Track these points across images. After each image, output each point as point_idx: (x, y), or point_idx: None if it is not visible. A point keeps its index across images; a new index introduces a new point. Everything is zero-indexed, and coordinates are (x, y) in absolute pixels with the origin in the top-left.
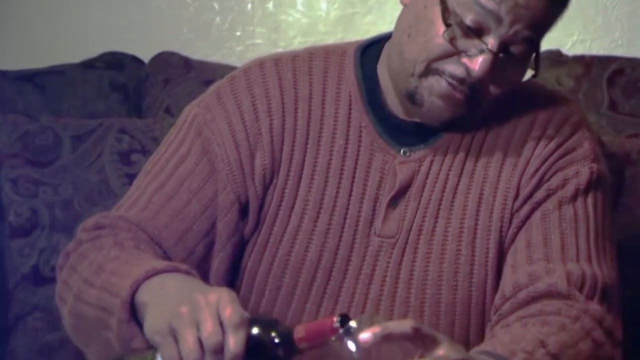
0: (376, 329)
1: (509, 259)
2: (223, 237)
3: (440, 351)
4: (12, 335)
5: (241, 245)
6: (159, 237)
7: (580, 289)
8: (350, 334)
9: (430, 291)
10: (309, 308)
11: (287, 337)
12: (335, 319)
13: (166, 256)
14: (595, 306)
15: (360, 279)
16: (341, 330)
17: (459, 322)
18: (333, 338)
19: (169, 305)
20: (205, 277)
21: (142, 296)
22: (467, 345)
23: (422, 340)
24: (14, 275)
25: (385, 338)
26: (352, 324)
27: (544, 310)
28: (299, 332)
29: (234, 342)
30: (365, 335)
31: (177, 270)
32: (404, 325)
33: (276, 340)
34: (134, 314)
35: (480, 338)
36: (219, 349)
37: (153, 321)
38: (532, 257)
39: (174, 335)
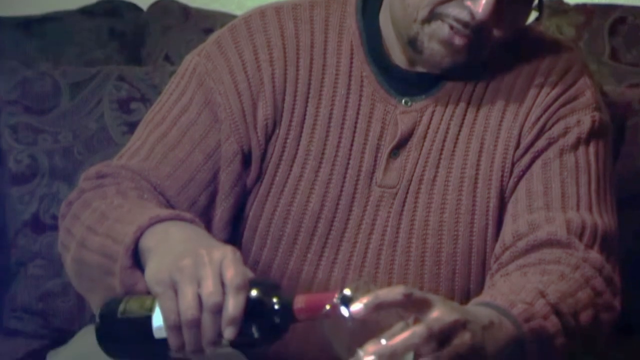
0: (367, 299)
1: (509, 208)
2: (226, 187)
3: (435, 313)
4: (13, 282)
5: (244, 195)
6: (162, 186)
7: (580, 238)
8: (345, 302)
9: (431, 241)
10: (310, 257)
11: (286, 306)
12: (337, 295)
13: (169, 205)
14: (595, 254)
15: (362, 229)
16: (336, 299)
17: (459, 271)
18: (327, 307)
19: (172, 255)
20: (207, 226)
21: (146, 242)
22: (468, 294)
23: (414, 305)
24: (15, 222)
25: (377, 307)
26: (347, 292)
27: (544, 259)
28: (298, 302)
29: (233, 305)
30: (356, 307)
31: (182, 219)
32: (394, 293)
33: (275, 307)
34: (137, 260)
35: (481, 287)
36: (218, 310)
37: (155, 270)
38: (532, 206)
39: (174, 288)
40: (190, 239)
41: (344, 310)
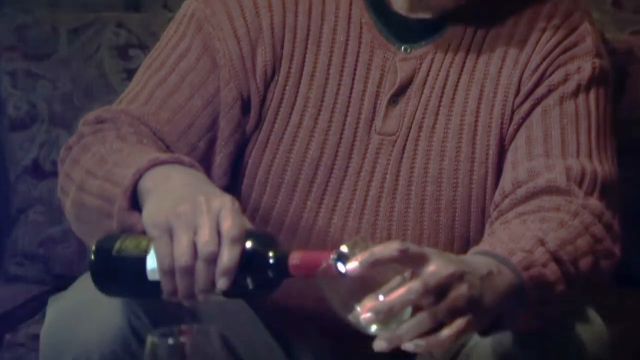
0: (362, 256)
1: (509, 156)
2: (225, 133)
3: (431, 267)
4: (14, 228)
5: (243, 142)
6: (161, 131)
7: (580, 184)
8: (341, 259)
9: (431, 188)
10: (309, 205)
11: (281, 261)
12: (332, 256)
13: (169, 151)
14: (594, 201)
15: (361, 177)
16: (332, 259)
17: (459, 219)
18: (323, 264)
19: (170, 199)
20: (207, 173)
21: (145, 184)
22: (468, 242)
23: (410, 260)
24: (15, 168)
25: (373, 264)
26: (343, 249)
27: (543, 207)
28: (294, 258)
29: (228, 256)
30: (352, 265)
31: (181, 162)
32: (390, 249)
33: (270, 261)
34: (136, 203)
35: (481, 234)
36: (212, 259)
37: (152, 212)
38: (532, 153)
39: (170, 233)
40: (190, 184)
41: (340, 267)
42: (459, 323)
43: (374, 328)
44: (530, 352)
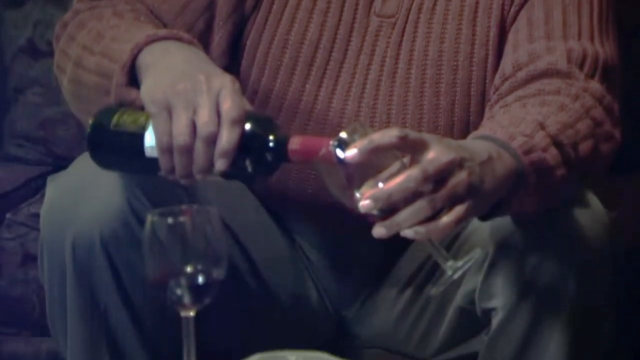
0: (361, 143)
1: (510, 38)
2: (224, 12)
3: (430, 154)
4: (12, 109)
5: (242, 22)
6: (158, 9)
7: (581, 67)
8: (341, 145)
9: (431, 71)
10: (308, 88)
11: (280, 144)
12: (332, 142)
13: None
14: (595, 84)
15: (360, 59)
16: (332, 144)
17: (459, 102)
18: (323, 150)
19: (170, 75)
20: (205, 53)
21: (144, 59)
22: (467, 125)
23: (410, 146)
24: (10, 48)
25: (372, 151)
26: (343, 135)
27: (543, 90)
28: (293, 143)
29: (227, 138)
30: (351, 152)
31: (180, 39)
32: (389, 135)
33: (270, 145)
34: (134, 79)
35: (481, 118)
36: (211, 140)
37: (151, 88)
38: (532, 35)
39: (169, 111)
40: (190, 61)
41: (339, 154)
42: (458, 210)
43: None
44: (529, 236)
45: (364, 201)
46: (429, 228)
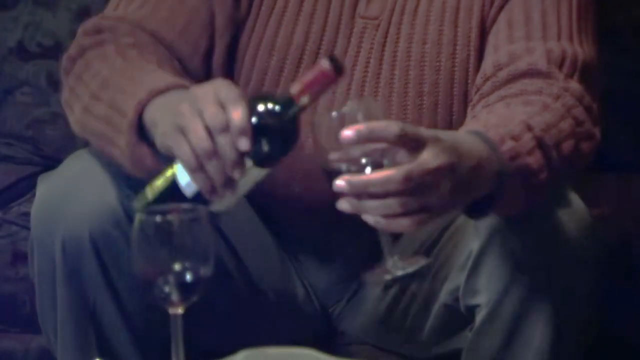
0: (360, 126)
1: (490, 39)
2: (220, 25)
3: (422, 156)
4: (2, 109)
5: (238, 31)
6: (161, 32)
7: (560, 67)
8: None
9: (414, 72)
10: None
11: (286, 99)
12: (323, 60)
13: (170, 53)
14: (575, 84)
15: (345, 61)
16: (325, 66)
17: (442, 102)
18: (323, 71)
19: (171, 112)
20: (209, 70)
21: (149, 115)
22: (450, 126)
23: (407, 144)
24: (0, 49)
25: (368, 139)
26: (346, 108)
27: (526, 90)
28: (295, 88)
29: (237, 115)
30: (348, 132)
31: (181, 86)
32: (389, 131)
33: (277, 107)
34: (142, 131)
35: (463, 118)
36: (225, 127)
37: (161, 131)
38: (513, 36)
39: (183, 132)
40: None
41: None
42: (422, 217)
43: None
44: (512, 234)
45: (340, 182)
46: (389, 223)
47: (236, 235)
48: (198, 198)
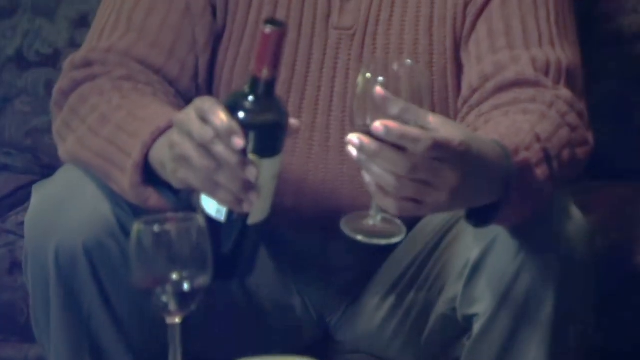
0: (394, 125)
1: (472, 50)
2: (201, 42)
3: (453, 139)
4: (0, 118)
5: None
6: (150, 57)
7: (546, 74)
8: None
9: None
10: None
11: (251, 80)
12: (262, 26)
13: (161, 77)
14: (564, 90)
15: (324, 73)
16: (266, 27)
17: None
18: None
19: (170, 147)
20: (197, 88)
21: (155, 156)
22: None
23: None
24: None
25: (398, 139)
26: (367, 73)
27: (519, 98)
28: (251, 66)
29: (218, 118)
30: (379, 125)
31: None
32: (419, 147)
33: (247, 93)
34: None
35: None
36: (214, 135)
37: (169, 169)
38: (495, 45)
39: (184, 160)
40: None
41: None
42: (409, 206)
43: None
44: (510, 244)
45: (379, 124)
46: (378, 195)
47: None
48: (232, 218)
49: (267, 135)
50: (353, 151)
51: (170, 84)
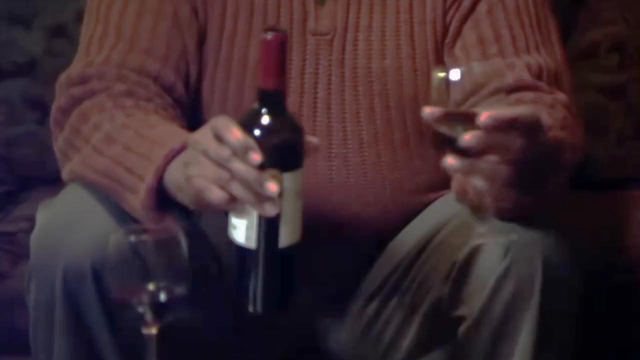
0: (504, 112)
1: (460, 56)
2: (191, 48)
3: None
4: None
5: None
6: (146, 65)
7: (541, 79)
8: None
9: (377, 87)
10: None
11: (260, 94)
12: (262, 35)
13: (159, 86)
14: (560, 94)
15: (306, 79)
16: (266, 35)
17: (410, 115)
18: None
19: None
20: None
21: (170, 179)
22: (422, 138)
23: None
24: None
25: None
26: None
27: (521, 99)
28: (259, 80)
29: (233, 135)
30: (486, 117)
31: None
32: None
33: (259, 108)
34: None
35: (431, 130)
36: (231, 153)
37: (186, 193)
38: (486, 53)
39: (207, 183)
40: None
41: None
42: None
43: None
44: (496, 245)
45: (487, 115)
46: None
47: (220, 252)
48: (262, 245)
49: (286, 145)
50: (453, 161)
51: (166, 92)
